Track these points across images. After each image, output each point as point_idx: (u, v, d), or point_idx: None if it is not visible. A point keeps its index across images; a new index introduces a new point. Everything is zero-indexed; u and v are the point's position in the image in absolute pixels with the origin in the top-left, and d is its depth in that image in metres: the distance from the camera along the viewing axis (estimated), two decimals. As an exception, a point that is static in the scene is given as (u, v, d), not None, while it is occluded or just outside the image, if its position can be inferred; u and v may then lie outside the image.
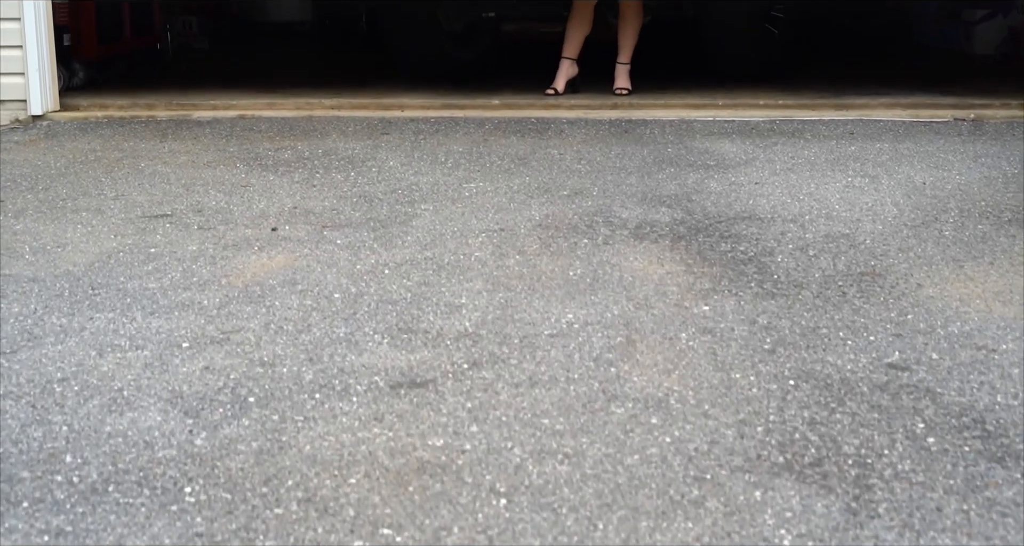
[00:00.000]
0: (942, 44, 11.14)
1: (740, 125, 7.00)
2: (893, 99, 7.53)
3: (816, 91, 7.97)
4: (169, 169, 6.02)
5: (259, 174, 5.85)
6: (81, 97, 7.63)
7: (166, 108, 7.39)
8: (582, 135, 6.80)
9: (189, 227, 4.84)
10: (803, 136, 6.72)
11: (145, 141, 6.74)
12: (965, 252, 4.33)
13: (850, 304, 3.71)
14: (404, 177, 5.75)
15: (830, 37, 13.20)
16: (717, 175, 5.73)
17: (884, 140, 6.59)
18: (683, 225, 4.78)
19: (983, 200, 5.21)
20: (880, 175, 5.70)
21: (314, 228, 4.80)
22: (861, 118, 7.11)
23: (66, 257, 4.39)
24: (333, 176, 5.78)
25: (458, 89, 8.17)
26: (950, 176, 5.70)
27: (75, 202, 5.32)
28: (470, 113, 7.27)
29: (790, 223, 4.77)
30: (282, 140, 6.70)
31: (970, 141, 6.61)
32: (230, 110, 7.33)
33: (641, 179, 5.66)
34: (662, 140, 6.63)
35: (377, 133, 6.86)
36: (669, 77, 8.86)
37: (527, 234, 4.65)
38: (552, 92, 7.69)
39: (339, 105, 7.43)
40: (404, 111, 7.30)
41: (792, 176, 5.69)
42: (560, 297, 3.81)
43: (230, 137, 6.81)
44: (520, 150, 6.37)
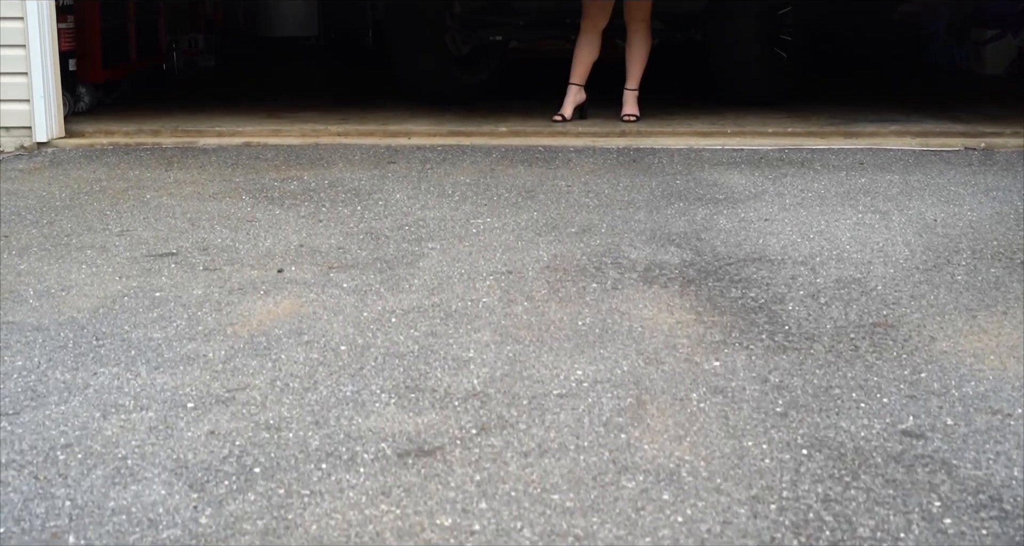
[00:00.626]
0: (951, 63, 11.09)
1: (749, 154, 6.96)
2: (903, 127, 7.48)
3: (825, 117, 7.93)
4: (174, 201, 5.98)
5: (265, 207, 5.81)
6: (86, 123, 7.59)
7: (172, 134, 7.36)
8: (590, 164, 6.76)
9: (194, 267, 4.81)
10: (812, 166, 6.67)
11: (150, 170, 6.71)
12: (978, 300, 4.28)
13: (863, 360, 3.66)
14: (411, 211, 5.71)
15: (839, 51, 13.17)
16: (726, 210, 5.68)
17: (894, 171, 6.54)
18: (692, 267, 4.73)
19: (995, 239, 5.16)
20: (891, 211, 5.66)
21: (320, 269, 4.76)
22: (871, 147, 7.06)
23: (70, 302, 4.36)
24: (339, 210, 5.74)
25: (465, 114, 8.13)
26: (961, 212, 5.66)
27: (80, 238, 5.28)
28: (477, 141, 7.23)
29: (801, 266, 4.72)
30: (288, 169, 6.66)
31: (981, 172, 6.56)
32: (236, 137, 7.29)
33: (650, 214, 5.62)
34: (671, 170, 6.58)
35: (383, 162, 6.83)
36: (678, 97, 8.83)
37: (535, 277, 4.61)
38: (559, 119, 7.65)
39: (345, 132, 7.39)
40: (411, 139, 7.26)
41: (802, 211, 5.64)
42: (569, 351, 3.77)
43: (236, 166, 6.77)
44: (527, 181, 6.33)
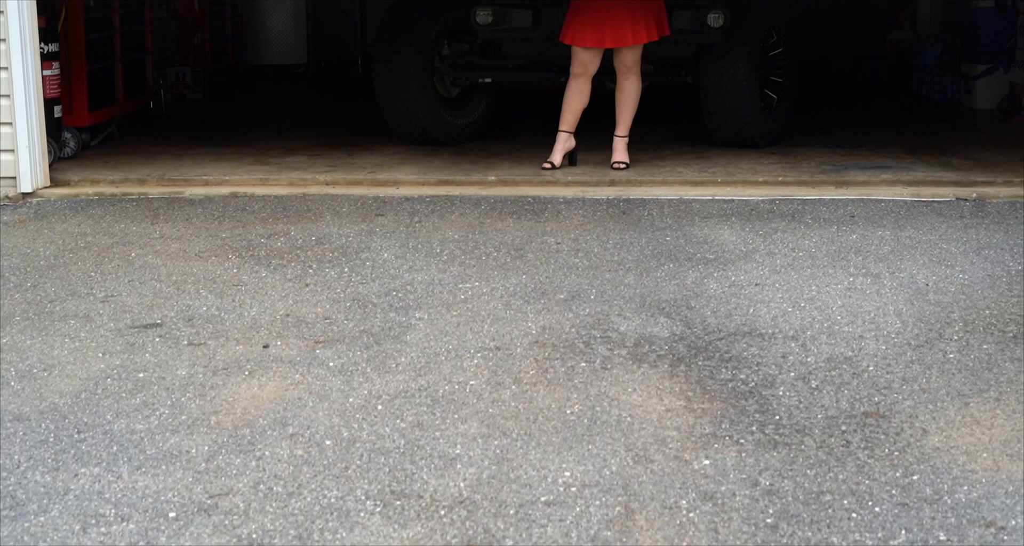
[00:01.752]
0: (943, 97, 11.06)
1: (739, 206, 6.91)
2: (895, 175, 7.44)
3: (816, 162, 7.89)
4: (160, 260, 5.93)
5: (251, 268, 5.76)
6: (72, 170, 7.54)
7: (158, 183, 7.30)
8: (579, 217, 6.71)
9: (179, 341, 4.75)
10: (803, 219, 6.63)
11: (136, 223, 6.65)
12: (970, 383, 4.24)
13: (854, 458, 3.62)
14: (398, 273, 5.66)
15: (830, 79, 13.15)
16: (716, 272, 5.64)
17: (886, 225, 6.50)
18: (682, 342, 4.69)
19: (987, 307, 5.12)
20: (882, 273, 5.62)
21: (306, 344, 4.71)
22: (862, 197, 7.02)
23: (52, 384, 4.30)
24: (326, 272, 5.69)
25: (454, 159, 8.07)
26: (953, 274, 5.62)
27: (63, 305, 5.23)
28: (466, 191, 7.18)
29: (791, 341, 4.68)
30: (275, 223, 6.61)
31: (972, 226, 6.52)
32: (223, 186, 7.24)
33: (639, 277, 5.57)
34: (661, 224, 6.54)
35: (371, 214, 6.78)
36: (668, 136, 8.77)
37: (523, 354, 4.56)
38: (549, 166, 7.60)
39: (333, 181, 7.34)
40: (399, 188, 7.21)
41: (793, 275, 5.60)
42: (557, 446, 3.72)
43: (222, 218, 6.72)
44: (516, 237, 6.28)
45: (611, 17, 7.37)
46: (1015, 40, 10.32)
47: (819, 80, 12.94)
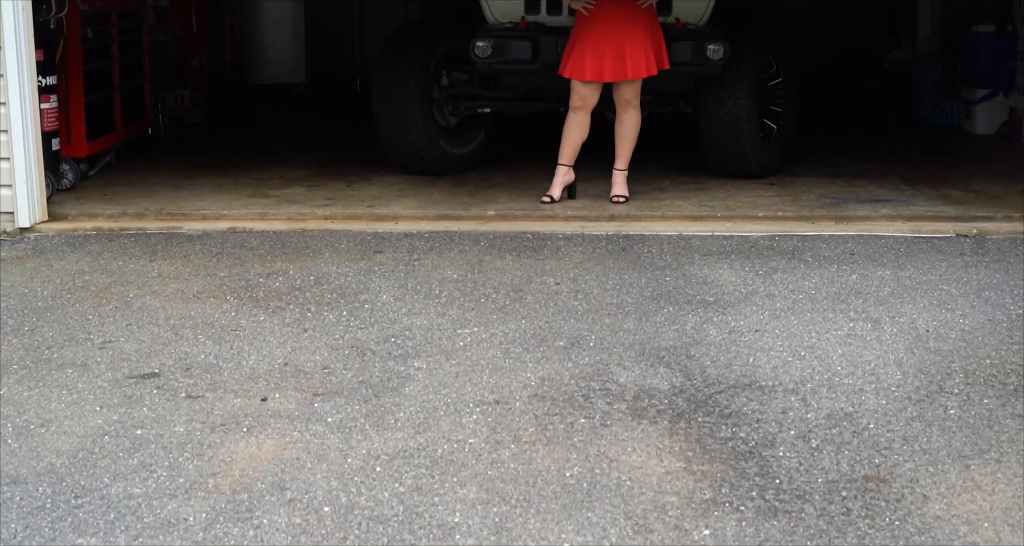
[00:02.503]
0: (943, 120, 11.04)
1: (739, 242, 6.89)
2: (894, 210, 7.43)
3: (816, 195, 7.88)
4: (158, 302, 5.91)
5: (249, 311, 5.74)
6: (70, 204, 7.52)
7: (156, 218, 7.29)
8: (579, 255, 6.69)
9: (176, 394, 4.73)
10: (803, 257, 6.61)
11: (134, 260, 6.63)
12: (971, 443, 4.22)
13: (855, 527, 3.60)
14: (397, 318, 5.65)
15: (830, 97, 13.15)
16: (716, 317, 5.62)
17: (886, 264, 6.48)
18: (682, 395, 4.67)
19: (987, 356, 5.11)
20: (882, 318, 5.60)
21: (304, 397, 4.69)
22: (862, 234, 7.01)
23: (50, 442, 4.28)
24: (325, 315, 5.67)
25: (453, 191, 8.06)
26: (953, 318, 5.60)
27: (61, 352, 5.21)
28: (465, 226, 7.16)
29: (791, 395, 4.66)
30: (273, 261, 6.59)
31: (973, 264, 6.51)
32: (221, 221, 7.22)
33: (639, 322, 5.55)
34: (660, 263, 6.52)
35: (370, 251, 6.76)
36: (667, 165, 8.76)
37: (522, 409, 4.54)
38: (548, 200, 7.59)
39: (331, 215, 7.33)
40: (398, 223, 7.19)
41: (792, 319, 5.58)
42: (556, 514, 3.70)
43: (221, 255, 6.70)
44: (516, 277, 6.26)
45: (610, 51, 7.36)
46: (1015, 65, 10.30)
47: (819, 99, 12.96)
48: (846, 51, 13.98)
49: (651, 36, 7.44)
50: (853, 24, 13.89)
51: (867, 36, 13.88)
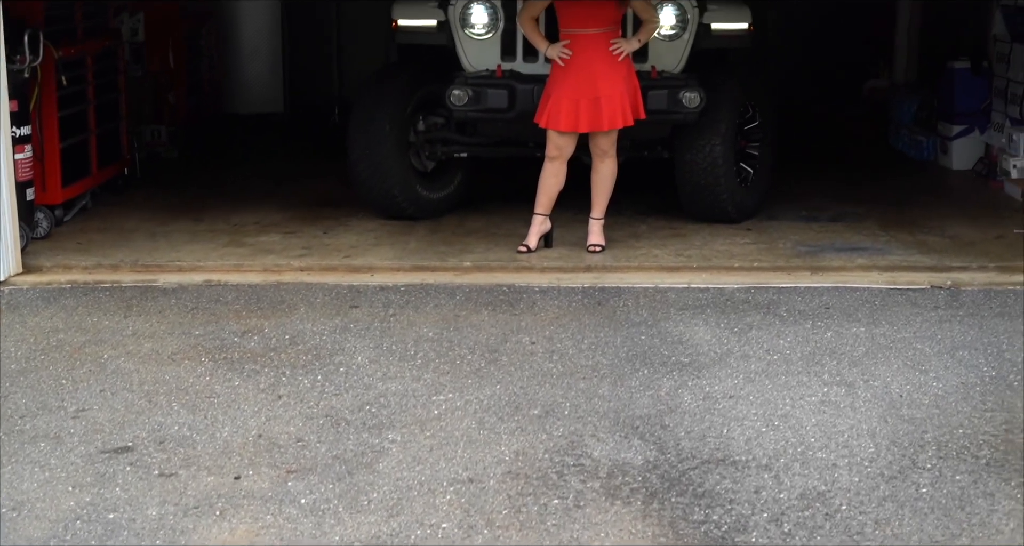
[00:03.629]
0: (918, 155, 11.06)
1: (715, 295, 6.90)
2: (869, 260, 7.45)
3: (792, 242, 7.90)
4: (132, 365, 5.89)
5: (224, 376, 5.73)
6: (44, 254, 7.49)
7: (131, 270, 7.27)
8: (555, 309, 6.69)
9: (150, 472, 4.72)
10: (778, 312, 6.62)
11: (109, 316, 6.61)
12: (943, 526, 4.24)
13: (826, 626, 3.61)
14: (372, 383, 5.64)
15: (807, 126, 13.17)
16: (691, 381, 5.63)
17: (860, 320, 6.50)
18: (656, 472, 4.67)
19: (960, 425, 5.13)
20: (856, 381, 5.62)
21: (278, 475, 4.69)
22: (837, 285, 7.03)
23: (22, 529, 4.27)
24: (300, 381, 5.67)
25: (430, 238, 8.03)
26: (927, 382, 5.62)
27: (34, 423, 5.19)
28: (441, 277, 7.16)
29: (764, 472, 4.67)
30: (249, 316, 6.58)
31: (947, 319, 6.53)
32: (196, 273, 7.20)
33: (614, 387, 5.56)
34: (636, 318, 6.52)
35: (346, 306, 6.75)
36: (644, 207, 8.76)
37: (496, 488, 4.54)
38: (524, 250, 7.58)
39: (307, 266, 7.32)
40: (374, 275, 7.19)
41: (767, 383, 5.60)
42: (528, 611, 3.70)
43: (196, 311, 6.68)
44: (491, 335, 6.26)
45: (586, 101, 7.37)
46: (991, 102, 10.34)
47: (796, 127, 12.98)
48: (823, 79, 14.01)
49: (627, 86, 7.45)
50: (830, 52, 13.92)
51: (844, 64, 13.91)
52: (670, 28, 8.01)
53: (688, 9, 8.02)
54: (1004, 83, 10.04)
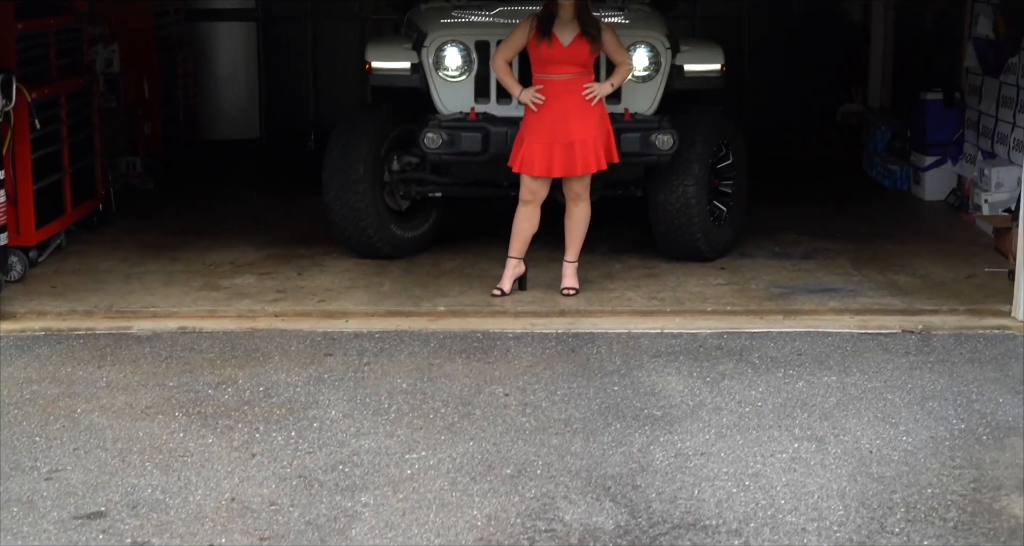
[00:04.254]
0: (892, 184, 11.13)
1: (688, 341, 6.93)
2: (841, 303, 7.50)
3: (764, 283, 7.95)
4: (106, 420, 5.90)
5: (198, 433, 5.74)
6: (18, 299, 7.49)
7: (105, 316, 7.27)
8: (528, 357, 6.72)
9: (122, 539, 4.73)
10: (751, 359, 6.66)
11: (83, 366, 6.60)
12: (911, 597, 4.28)
13: None
14: (346, 439, 5.66)
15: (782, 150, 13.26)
16: (663, 436, 5.66)
17: (832, 367, 6.54)
18: (627, 538, 4.70)
19: (929, 484, 5.17)
20: (827, 436, 5.67)
21: (251, 543, 4.70)
22: (810, 330, 7.07)
23: (-8, 605, 4.27)
24: (273, 438, 5.68)
25: (404, 280, 8.04)
26: (897, 436, 5.67)
27: (7, 485, 5.19)
28: (415, 323, 7.17)
29: (735, 537, 4.70)
30: (223, 366, 6.58)
31: (918, 366, 6.58)
32: (171, 319, 7.21)
33: (586, 444, 5.59)
34: (610, 367, 6.55)
35: (320, 355, 6.76)
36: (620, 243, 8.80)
37: (468, 557, 4.57)
38: (499, 293, 7.61)
39: (282, 311, 7.33)
40: (348, 321, 7.20)
41: (738, 439, 5.64)
42: None
43: (170, 360, 6.68)
44: (465, 386, 6.28)
45: (560, 146, 7.40)
46: (963, 133, 10.41)
47: (772, 153, 13.06)
48: (797, 103, 14.09)
49: (600, 130, 7.49)
50: (805, 76, 14.00)
51: (819, 88, 13.99)
52: (643, 69, 8.05)
53: (661, 50, 8.07)
54: (976, 115, 10.12)
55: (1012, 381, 6.39)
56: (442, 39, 8.03)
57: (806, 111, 14.01)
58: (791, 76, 13.96)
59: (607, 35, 7.49)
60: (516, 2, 8.72)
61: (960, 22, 10.57)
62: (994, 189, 9.28)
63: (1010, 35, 9.07)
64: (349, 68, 13.47)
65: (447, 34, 8.06)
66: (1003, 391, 6.26)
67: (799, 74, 13.92)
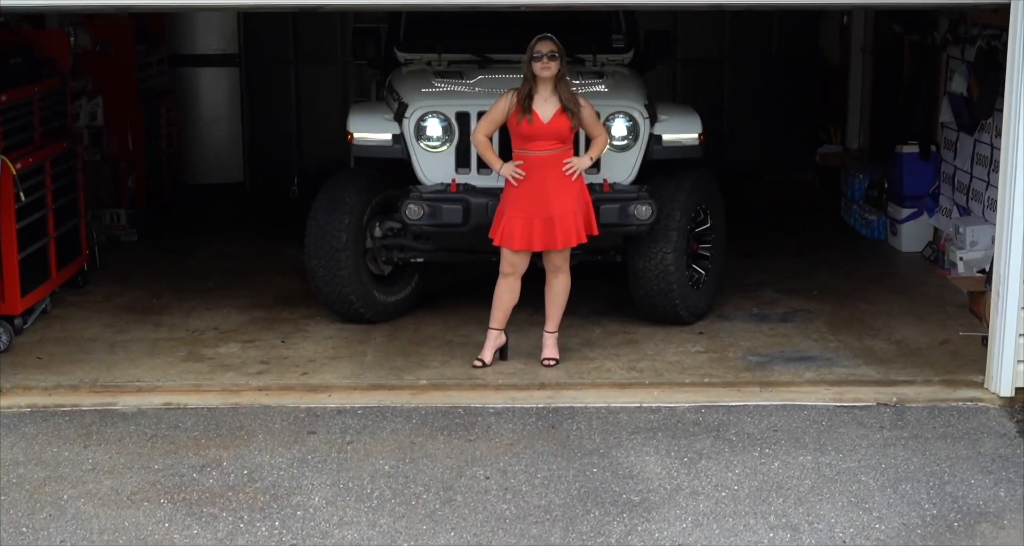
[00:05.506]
0: (869, 233, 11.25)
1: (666, 416, 7.03)
2: (818, 373, 7.62)
3: (742, 350, 8.05)
4: (92, 508, 5.99)
5: (183, 523, 5.83)
6: (3, 374, 7.54)
7: (91, 391, 7.35)
8: (509, 435, 6.81)
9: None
10: (727, 436, 6.77)
11: (69, 446, 6.68)
12: None
13: None
14: (328, 530, 5.76)
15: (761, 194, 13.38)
16: (641, 525, 5.78)
17: (807, 445, 6.65)
18: (605, 642, 4.80)
19: (901, 578, 5.28)
20: (801, 524, 5.79)
21: None
22: (786, 404, 7.17)
23: None
24: (258, 528, 5.78)
25: (386, 350, 8.09)
26: (870, 523, 5.79)
27: (-5, 584, 5.27)
28: (398, 398, 7.26)
29: (710, 642, 4.80)
30: (208, 446, 6.66)
31: (892, 443, 6.70)
32: (155, 394, 7.29)
33: (566, 533, 5.70)
34: (589, 446, 6.65)
35: (303, 433, 6.84)
36: (601, 304, 8.91)
37: None
38: (480, 364, 7.71)
39: (266, 386, 7.42)
40: (331, 396, 7.29)
41: (714, 528, 5.75)
42: None
43: (155, 439, 6.76)
44: (447, 469, 6.38)
45: (540, 220, 7.49)
46: (939, 185, 10.54)
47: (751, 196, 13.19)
48: (776, 144, 14.20)
49: (579, 204, 7.59)
50: (784, 118, 14.12)
51: (797, 130, 14.11)
52: (621, 139, 8.15)
53: (639, 120, 8.17)
54: (952, 169, 10.24)
55: (983, 459, 6.51)
56: (423, 110, 8.13)
57: (785, 152, 14.12)
58: (770, 117, 14.08)
59: (585, 110, 7.59)
60: (495, 68, 8.82)
61: (936, 75, 10.69)
62: (969, 247, 9.39)
63: (983, 97, 9.19)
64: (331, 111, 13.59)
65: (428, 105, 8.15)
66: (974, 471, 6.37)
67: (778, 115, 14.04)
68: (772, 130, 14.07)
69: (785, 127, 14.00)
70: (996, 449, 6.64)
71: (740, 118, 14.08)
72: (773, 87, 14.04)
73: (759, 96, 14.06)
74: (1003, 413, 7.12)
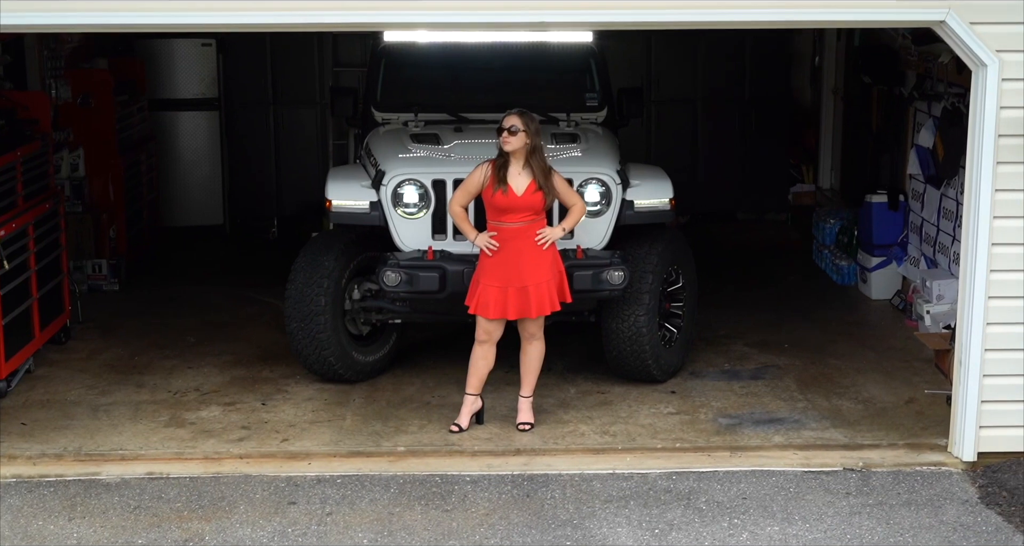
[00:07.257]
0: (840, 279, 11.46)
1: (638, 484, 7.20)
2: (786, 437, 7.80)
3: (713, 411, 8.24)
4: (77, 588, 6.12)
5: (166, 603, 5.97)
6: (-12, 442, 7.70)
7: (75, 459, 7.49)
8: (485, 504, 6.97)
9: None
10: (698, 506, 6.94)
11: (54, 519, 6.82)
12: None
13: None
14: (309, 613, 5.90)
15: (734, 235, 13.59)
16: (612, 604, 5.93)
17: (775, 514, 6.83)
18: None
19: None
20: (768, 602, 5.95)
21: None
22: (755, 470, 7.36)
23: None
24: (239, 609, 5.92)
25: (364, 413, 8.23)
26: (834, 600, 5.96)
27: None
28: (376, 465, 7.42)
29: None
30: (190, 519, 6.81)
31: (857, 511, 6.88)
32: (138, 463, 7.44)
33: (539, 614, 5.85)
34: (563, 515, 6.82)
35: (284, 503, 6.99)
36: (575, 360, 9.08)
37: None
38: (456, 429, 7.88)
39: (247, 453, 7.58)
40: (311, 463, 7.45)
41: (684, 606, 5.91)
42: None
43: (139, 511, 6.90)
44: (424, 543, 6.53)
45: (514, 290, 7.66)
46: (907, 234, 10.75)
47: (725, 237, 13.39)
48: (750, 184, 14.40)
49: (553, 273, 7.76)
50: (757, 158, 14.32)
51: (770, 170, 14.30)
52: (593, 204, 8.33)
53: (612, 186, 8.35)
54: (919, 220, 10.45)
55: (945, 528, 6.70)
56: (400, 178, 8.29)
57: (759, 191, 14.32)
58: (744, 158, 14.27)
59: (558, 181, 7.76)
60: (471, 132, 8.98)
61: (904, 126, 10.90)
62: (936, 301, 9.59)
63: (948, 157, 9.39)
64: (310, 153, 13.78)
65: (405, 173, 8.31)
66: (937, 541, 6.56)
67: (751, 156, 14.24)
68: (746, 170, 14.26)
69: (758, 168, 14.19)
70: (958, 517, 6.83)
71: (714, 158, 14.26)
72: (746, 128, 14.23)
73: (732, 137, 14.24)
74: (966, 478, 7.32)
